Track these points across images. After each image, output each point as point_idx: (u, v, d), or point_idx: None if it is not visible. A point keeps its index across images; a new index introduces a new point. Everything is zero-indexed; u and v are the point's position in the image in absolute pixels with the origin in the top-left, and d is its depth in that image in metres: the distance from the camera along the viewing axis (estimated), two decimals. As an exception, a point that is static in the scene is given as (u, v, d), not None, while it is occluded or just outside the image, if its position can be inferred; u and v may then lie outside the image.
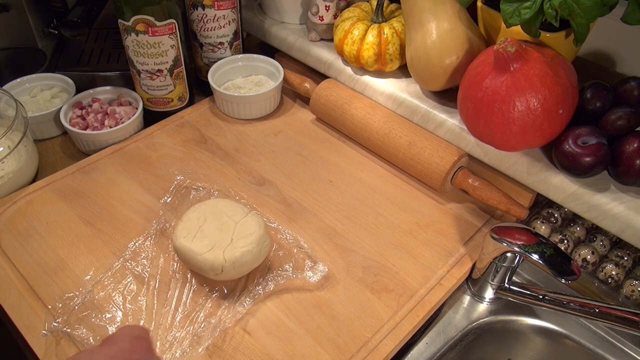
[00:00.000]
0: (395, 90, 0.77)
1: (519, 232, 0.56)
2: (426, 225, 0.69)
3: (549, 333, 0.63)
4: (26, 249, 0.64)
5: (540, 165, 0.64)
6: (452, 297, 0.65)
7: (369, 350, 0.55)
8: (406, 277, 0.62)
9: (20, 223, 0.67)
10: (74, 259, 0.63)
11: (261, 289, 0.59)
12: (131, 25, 0.74)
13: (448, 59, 0.68)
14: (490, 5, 0.64)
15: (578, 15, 0.53)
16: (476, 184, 0.69)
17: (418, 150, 0.71)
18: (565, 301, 0.56)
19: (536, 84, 0.56)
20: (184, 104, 0.86)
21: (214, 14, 0.82)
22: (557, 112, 0.58)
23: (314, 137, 0.82)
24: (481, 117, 0.60)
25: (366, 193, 0.73)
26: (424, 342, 0.60)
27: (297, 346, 0.55)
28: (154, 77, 0.80)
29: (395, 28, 0.75)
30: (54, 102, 0.84)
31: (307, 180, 0.75)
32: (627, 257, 0.66)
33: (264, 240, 0.61)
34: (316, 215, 0.69)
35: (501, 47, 0.57)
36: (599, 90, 0.61)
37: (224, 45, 0.86)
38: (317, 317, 0.58)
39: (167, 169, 0.75)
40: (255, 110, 0.84)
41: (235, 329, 0.57)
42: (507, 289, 0.62)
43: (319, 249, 0.65)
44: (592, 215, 0.61)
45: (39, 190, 0.71)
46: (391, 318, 0.58)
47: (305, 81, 0.86)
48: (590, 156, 0.58)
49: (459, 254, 0.65)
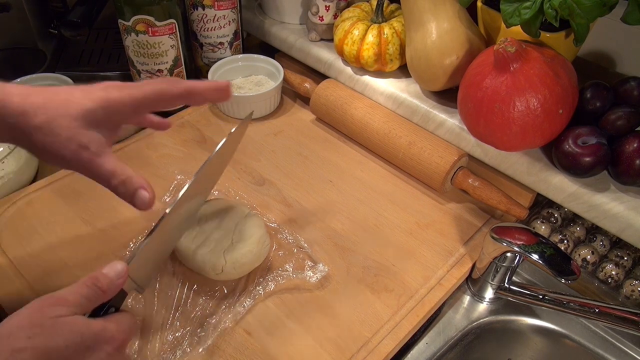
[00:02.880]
0: (395, 90, 0.77)
1: (519, 232, 0.56)
2: (426, 225, 0.69)
3: (549, 333, 0.63)
4: (26, 249, 0.64)
5: (540, 165, 0.64)
6: (452, 297, 0.65)
7: (369, 350, 0.55)
8: (406, 277, 0.62)
9: (20, 223, 0.67)
10: (74, 259, 0.63)
11: (261, 289, 0.59)
12: (131, 25, 0.74)
13: (448, 59, 0.68)
14: (490, 5, 0.64)
15: (578, 15, 0.53)
16: (476, 184, 0.69)
17: (418, 150, 0.71)
18: (565, 301, 0.56)
19: (536, 84, 0.56)
20: (184, 104, 0.86)
21: (214, 14, 0.82)
22: (557, 112, 0.58)
23: (314, 137, 0.82)
24: (481, 117, 0.60)
25: (366, 193, 0.73)
26: (424, 342, 0.60)
27: (297, 346, 0.55)
28: (154, 77, 0.80)
29: (395, 28, 0.75)
30: (54, 102, 0.84)
31: (307, 180, 0.75)
32: (627, 257, 0.66)
33: (264, 241, 0.61)
34: (316, 215, 0.69)
35: (501, 47, 0.57)
36: (599, 90, 0.61)
37: (224, 46, 0.86)
38: (317, 317, 0.58)
39: (167, 169, 0.75)
40: (255, 110, 0.84)
41: (235, 329, 0.57)
42: (507, 289, 0.62)
43: (319, 249, 0.65)
44: (592, 215, 0.61)
45: (39, 190, 0.71)
46: (391, 318, 0.58)
47: (305, 81, 0.86)
48: (590, 156, 0.58)
49: (459, 253, 0.65)
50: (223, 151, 0.55)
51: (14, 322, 0.38)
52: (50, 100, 0.45)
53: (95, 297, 0.42)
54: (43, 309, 0.38)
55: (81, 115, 0.45)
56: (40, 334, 0.37)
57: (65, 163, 0.46)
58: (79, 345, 0.38)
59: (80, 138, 0.45)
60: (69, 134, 0.45)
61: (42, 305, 0.39)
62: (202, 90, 0.51)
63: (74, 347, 0.38)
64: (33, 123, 0.44)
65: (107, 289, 0.43)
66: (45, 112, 0.44)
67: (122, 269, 0.44)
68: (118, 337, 0.42)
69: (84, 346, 0.39)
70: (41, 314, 0.38)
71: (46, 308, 0.38)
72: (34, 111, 0.44)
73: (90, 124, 0.46)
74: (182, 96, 0.50)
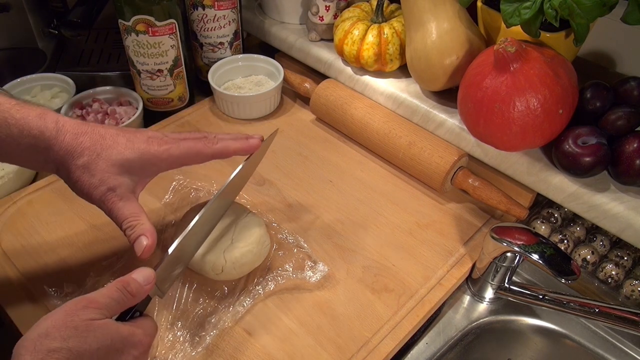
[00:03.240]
0: (395, 90, 0.77)
1: (519, 232, 0.56)
2: (426, 225, 0.69)
3: (549, 333, 0.63)
4: (26, 249, 0.64)
5: (540, 165, 0.64)
6: (452, 297, 0.65)
7: (369, 350, 0.55)
8: (406, 277, 0.62)
9: (21, 223, 0.67)
10: (74, 258, 0.63)
11: (261, 289, 0.59)
12: (131, 25, 0.74)
13: (448, 59, 0.68)
14: (490, 5, 0.64)
15: (578, 15, 0.53)
16: (476, 184, 0.69)
17: (418, 150, 0.71)
18: (565, 301, 0.56)
19: (536, 84, 0.56)
20: (184, 104, 0.86)
21: (214, 14, 0.82)
22: (557, 112, 0.58)
23: (314, 137, 0.82)
24: (481, 117, 0.60)
25: (366, 193, 0.73)
26: (424, 342, 0.60)
27: (297, 346, 0.55)
28: (154, 77, 0.80)
29: (395, 28, 0.75)
30: (54, 102, 0.84)
31: (307, 180, 0.75)
32: (627, 257, 0.66)
33: (264, 241, 0.61)
34: (316, 215, 0.69)
35: (501, 47, 0.57)
36: (599, 90, 0.61)
37: (224, 45, 0.86)
38: (317, 317, 0.58)
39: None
40: (255, 110, 0.84)
41: (235, 329, 0.57)
42: (507, 288, 0.62)
43: (319, 249, 0.65)
44: (592, 215, 0.61)
45: (39, 190, 0.71)
46: (391, 318, 0.58)
47: (305, 81, 0.86)
48: (590, 156, 0.58)
49: (459, 253, 0.65)
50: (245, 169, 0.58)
51: (49, 322, 0.39)
52: (97, 144, 0.50)
53: (124, 301, 0.44)
54: (77, 311, 0.40)
55: (119, 162, 0.50)
56: (74, 335, 0.39)
57: (90, 199, 0.51)
58: (109, 348, 0.41)
59: (112, 182, 0.50)
60: (103, 176, 0.49)
61: (76, 307, 0.41)
62: (234, 150, 0.56)
63: (104, 349, 0.40)
64: (77, 163, 0.49)
65: (136, 293, 0.45)
66: (90, 155, 0.49)
67: (150, 275, 0.46)
68: (144, 342, 0.44)
69: (114, 349, 0.41)
70: (75, 316, 0.40)
71: (80, 310, 0.40)
72: (81, 152, 0.49)
73: (126, 171, 0.51)
74: (214, 156, 0.55)
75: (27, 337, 0.39)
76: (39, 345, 0.38)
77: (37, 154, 0.49)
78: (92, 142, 0.50)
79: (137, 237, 0.49)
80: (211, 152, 0.55)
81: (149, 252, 0.49)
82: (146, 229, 0.50)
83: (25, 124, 0.48)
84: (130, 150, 0.51)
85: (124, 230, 0.50)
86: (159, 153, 0.52)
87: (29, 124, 0.48)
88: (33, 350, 0.37)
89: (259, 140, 0.57)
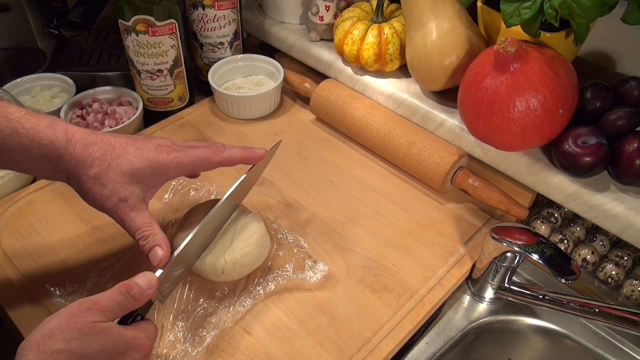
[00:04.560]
0: (395, 90, 0.77)
1: (519, 232, 0.56)
2: (426, 225, 0.69)
3: (549, 333, 0.63)
4: (26, 249, 0.64)
5: (540, 165, 0.64)
6: (452, 297, 0.65)
7: (369, 350, 0.55)
8: (406, 277, 0.62)
9: (21, 223, 0.67)
10: (74, 259, 0.63)
11: (261, 289, 0.59)
12: (131, 25, 0.74)
13: (448, 59, 0.68)
14: (490, 5, 0.64)
15: (578, 15, 0.53)
16: (476, 184, 0.69)
17: (418, 150, 0.71)
18: (565, 301, 0.56)
19: (536, 84, 0.56)
20: (184, 104, 0.86)
21: (214, 14, 0.82)
22: (557, 112, 0.58)
23: (314, 137, 0.82)
24: (481, 117, 0.60)
25: (366, 193, 0.73)
26: (424, 342, 0.60)
27: (297, 346, 0.55)
28: (154, 77, 0.80)
29: (395, 28, 0.75)
30: (54, 102, 0.84)
31: (307, 180, 0.75)
32: (627, 257, 0.66)
33: (264, 241, 0.61)
34: (316, 215, 0.69)
35: (501, 47, 0.57)
36: (599, 90, 0.61)
37: (224, 45, 0.86)
38: (317, 317, 0.58)
39: (167, 169, 0.75)
40: (255, 110, 0.84)
41: (236, 329, 0.57)
42: (507, 288, 0.62)
43: (319, 249, 0.65)
44: (592, 215, 0.61)
45: (39, 190, 0.71)
46: (391, 318, 0.58)
47: (305, 81, 0.86)
48: (590, 156, 0.58)
49: (459, 254, 0.65)
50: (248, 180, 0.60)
51: (53, 323, 0.40)
52: (107, 154, 0.50)
53: (127, 304, 0.44)
54: (80, 312, 0.41)
55: (129, 172, 0.51)
56: (77, 337, 0.39)
57: (102, 210, 0.51)
58: (111, 351, 0.41)
59: (123, 192, 0.50)
60: (114, 187, 0.50)
61: (79, 309, 0.41)
62: (240, 159, 0.57)
63: (106, 352, 0.41)
64: (88, 173, 0.50)
65: (139, 297, 0.45)
66: (100, 165, 0.50)
67: (152, 280, 0.47)
68: (146, 345, 0.45)
69: (116, 352, 0.42)
70: (78, 318, 0.40)
71: (83, 312, 0.41)
72: (91, 162, 0.50)
73: (136, 181, 0.51)
74: (221, 163, 0.57)
75: (31, 337, 0.39)
76: (43, 346, 0.38)
77: (47, 163, 0.50)
78: (102, 152, 0.50)
79: (152, 248, 0.50)
80: (218, 160, 0.56)
81: (164, 262, 0.50)
82: (160, 239, 0.51)
83: (36, 133, 0.49)
84: (140, 159, 0.51)
85: (137, 239, 0.51)
86: (168, 161, 0.53)
87: (39, 134, 0.49)
88: (37, 351, 0.38)
89: (264, 151, 0.58)
